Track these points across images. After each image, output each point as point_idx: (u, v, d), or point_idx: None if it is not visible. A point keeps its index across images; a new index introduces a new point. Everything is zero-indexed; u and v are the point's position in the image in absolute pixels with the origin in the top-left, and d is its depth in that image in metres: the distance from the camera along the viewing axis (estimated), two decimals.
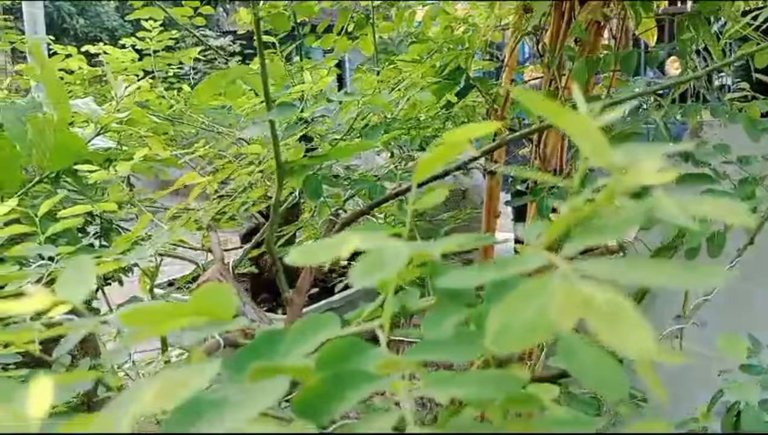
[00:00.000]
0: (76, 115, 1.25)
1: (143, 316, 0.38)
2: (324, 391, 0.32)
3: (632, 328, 0.20)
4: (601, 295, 0.21)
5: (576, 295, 0.21)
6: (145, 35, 2.01)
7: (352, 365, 0.35)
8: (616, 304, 0.21)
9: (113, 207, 0.89)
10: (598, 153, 0.25)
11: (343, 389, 0.32)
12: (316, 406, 0.32)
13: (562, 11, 1.53)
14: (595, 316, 0.20)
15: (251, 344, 0.41)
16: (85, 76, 1.81)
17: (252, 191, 0.88)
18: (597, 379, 0.27)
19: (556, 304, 0.21)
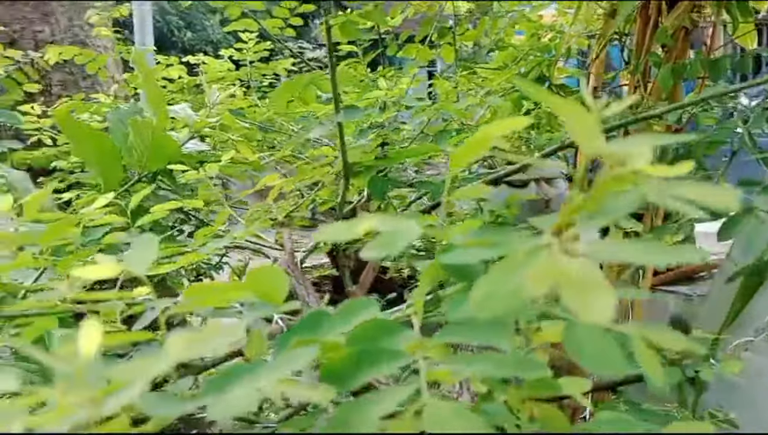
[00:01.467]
0: (175, 120, 1.36)
1: (204, 290, 0.42)
2: (349, 362, 0.35)
3: (597, 296, 0.22)
4: (576, 266, 0.23)
5: (552, 265, 0.23)
6: (242, 46, 2.14)
7: (380, 344, 0.38)
8: (586, 274, 0.23)
9: (200, 204, 0.96)
10: (589, 141, 0.27)
11: (368, 363, 0.36)
12: (341, 375, 0.35)
13: (648, 16, 1.50)
14: (566, 284, 0.23)
15: (300, 322, 0.45)
16: (185, 84, 1.94)
17: (320, 191, 0.94)
18: (591, 354, 0.29)
19: (531, 273, 0.23)
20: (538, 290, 0.23)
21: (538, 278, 0.23)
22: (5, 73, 1.60)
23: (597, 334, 0.30)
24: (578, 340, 0.29)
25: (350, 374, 0.35)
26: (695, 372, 0.67)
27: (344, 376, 0.35)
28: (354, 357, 0.36)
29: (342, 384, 0.35)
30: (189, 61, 2.12)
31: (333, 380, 0.35)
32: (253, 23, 1.85)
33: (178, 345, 0.25)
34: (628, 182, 0.27)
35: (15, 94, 1.57)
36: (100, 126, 1.43)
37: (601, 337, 0.30)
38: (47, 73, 2.25)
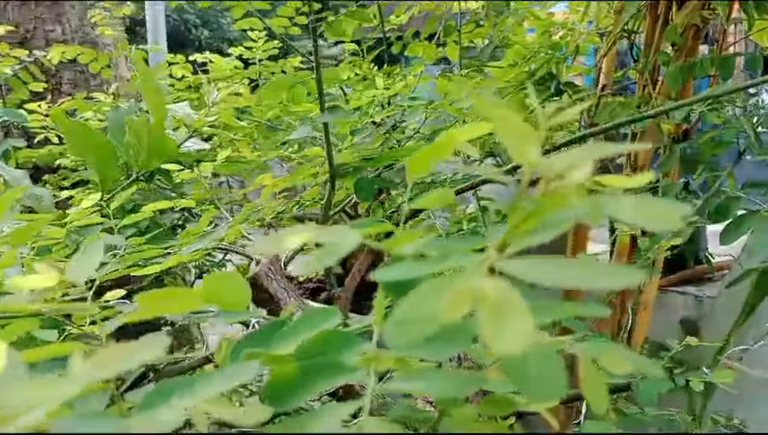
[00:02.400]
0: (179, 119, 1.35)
1: (160, 296, 0.41)
2: (295, 378, 0.34)
3: (511, 322, 0.20)
4: (493, 290, 0.21)
5: (468, 290, 0.21)
6: (252, 45, 2.13)
7: (330, 357, 0.36)
8: (504, 298, 0.21)
9: (192, 204, 0.96)
10: (521, 151, 0.25)
11: (314, 378, 0.34)
12: (284, 391, 0.34)
13: (658, 14, 1.46)
14: (482, 309, 0.21)
15: (257, 331, 0.43)
16: (191, 83, 1.94)
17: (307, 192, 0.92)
18: (533, 378, 0.27)
19: (445, 298, 0.21)
20: (453, 316, 0.21)
21: (455, 302, 0.21)
22: (12, 72, 1.61)
23: (541, 356, 0.28)
24: (520, 361, 0.27)
25: (294, 391, 0.34)
26: (686, 381, 0.65)
27: (288, 393, 0.34)
28: (300, 372, 0.34)
29: (285, 401, 0.34)
30: (196, 60, 2.12)
31: (276, 397, 0.34)
32: (259, 22, 1.84)
33: (81, 365, 0.23)
34: (569, 196, 0.25)
35: (21, 93, 1.58)
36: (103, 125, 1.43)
37: (546, 360, 0.28)
38: (57, 72, 2.26)
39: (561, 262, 0.23)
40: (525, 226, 0.26)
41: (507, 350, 0.20)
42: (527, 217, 0.26)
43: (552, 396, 0.26)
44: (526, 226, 0.26)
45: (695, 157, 1.31)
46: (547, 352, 0.28)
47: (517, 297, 0.21)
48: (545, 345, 0.29)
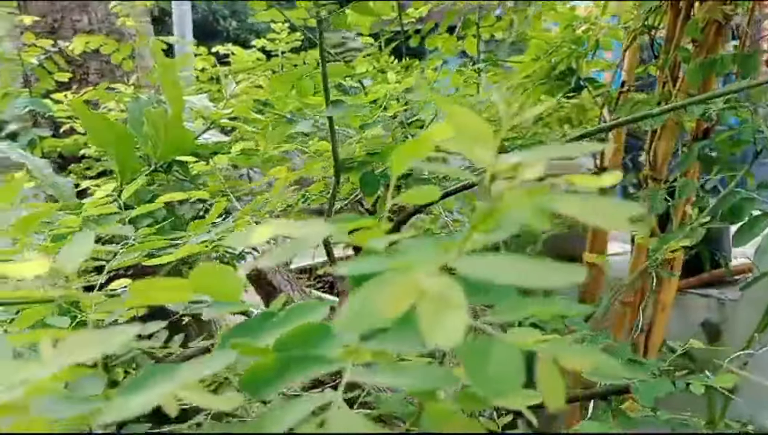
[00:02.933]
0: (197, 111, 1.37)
1: (148, 287, 0.42)
2: (272, 368, 0.35)
3: (447, 318, 0.21)
4: (433, 286, 0.22)
5: (409, 286, 0.22)
6: (275, 36, 2.15)
7: (310, 349, 0.37)
8: (443, 293, 0.21)
9: (205, 195, 0.97)
10: (472, 150, 0.26)
11: (291, 369, 0.35)
12: (261, 381, 0.35)
13: (679, 9, 1.44)
14: (422, 304, 0.22)
15: (246, 321, 0.44)
16: (213, 75, 1.96)
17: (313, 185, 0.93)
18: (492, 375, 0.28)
19: (387, 293, 0.22)
20: (393, 311, 0.22)
21: (396, 298, 0.22)
22: (38, 62, 1.65)
23: (503, 354, 0.28)
24: (481, 358, 0.28)
25: (270, 381, 0.35)
26: (686, 385, 0.64)
27: (264, 383, 0.35)
28: (278, 363, 0.35)
29: (261, 390, 0.35)
30: (218, 51, 2.14)
31: (252, 386, 0.35)
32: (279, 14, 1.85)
33: (49, 351, 0.25)
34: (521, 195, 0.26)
35: (46, 82, 1.61)
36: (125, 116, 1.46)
37: (507, 358, 0.28)
38: (84, 62, 2.31)
39: (514, 260, 0.24)
40: (484, 226, 0.26)
41: (441, 344, 0.20)
42: (485, 216, 0.26)
43: (506, 393, 0.26)
44: (485, 225, 0.27)
45: (714, 156, 1.29)
46: (509, 350, 0.29)
47: (456, 293, 0.22)
48: (508, 343, 0.29)
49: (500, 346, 0.29)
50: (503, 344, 0.29)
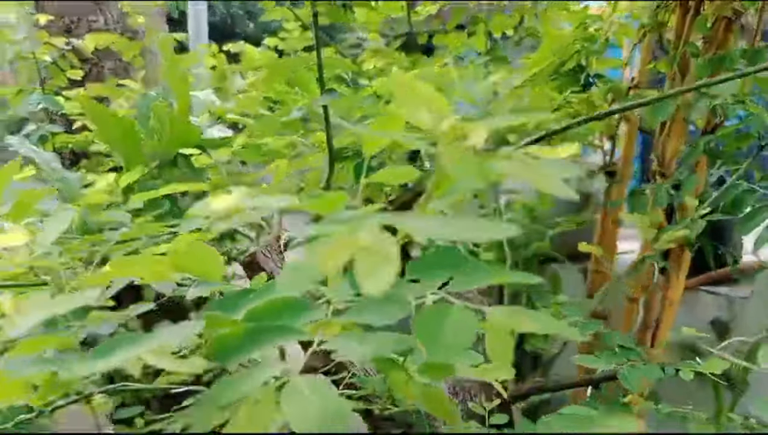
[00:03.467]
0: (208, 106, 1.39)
1: (127, 263, 0.43)
2: (241, 337, 0.36)
3: (380, 267, 0.21)
4: (369, 240, 0.22)
5: (351, 239, 0.23)
6: (286, 36, 2.16)
7: (280, 320, 0.38)
8: (378, 246, 0.22)
9: (205, 187, 0.99)
10: (416, 113, 0.26)
11: (260, 338, 0.36)
12: (230, 348, 0.35)
13: (688, 6, 1.43)
14: (358, 257, 0.22)
15: (225, 296, 0.45)
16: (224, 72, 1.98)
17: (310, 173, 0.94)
18: (444, 340, 0.28)
19: (328, 248, 0.23)
20: (333, 265, 0.22)
21: (336, 253, 0.22)
22: (52, 59, 1.67)
23: (459, 325, 0.29)
24: (435, 326, 0.28)
25: (238, 349, 0.35)
26: (676, 371, 0.64)
27: (233, 350, 0.35)
28: (247, 332, 0.36)
29: (230, 358, 0.35)
30: (230, 50, 2.16)
31: (220, 354, 0.35)
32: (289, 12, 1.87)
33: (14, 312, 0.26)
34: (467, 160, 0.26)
35: (58, 79, 1.64)
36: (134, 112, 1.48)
37: (462, 329, 0.29)
38: (99, 62, 2.34)
39: (450, 219, 0.24)
40: (438, 192, 0.27)
41: (371, 291, 0.21)
42: (438, 183, 0.27)
43: (454, 359, 0.27)
44: (439, 191, 0.27)
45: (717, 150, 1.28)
46: (465, 321, 0.29)
47: (391, 249, 0.22)
48: (465, 315, 0.29)
49: (455, 312, 0.29)
50: (457, 310, 0.29)
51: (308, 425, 0.29)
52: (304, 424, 0.29)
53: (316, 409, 0.29)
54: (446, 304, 0.30)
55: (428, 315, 0.29)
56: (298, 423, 0.29)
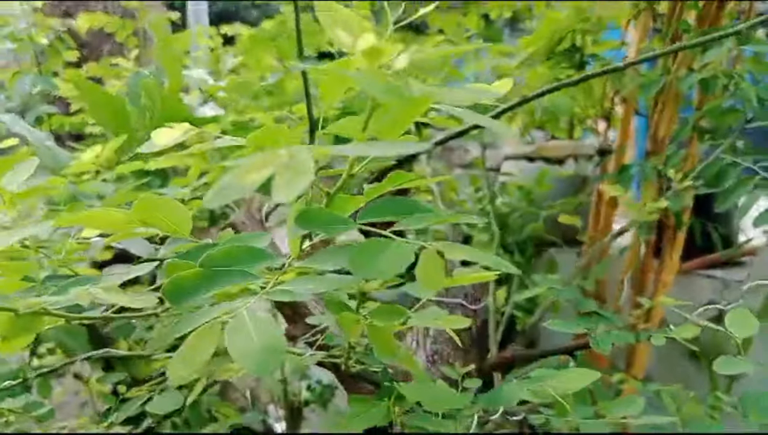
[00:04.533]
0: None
1: (95, 216, 0.44)
2: (194, 280, 0.37)
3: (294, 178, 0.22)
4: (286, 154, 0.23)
5: (270, 157, 0.23)
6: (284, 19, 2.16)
7: (236, 266, 0.39)
8: (293, 160, 0.23)
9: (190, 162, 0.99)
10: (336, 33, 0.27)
11: (212, 281, 0.37)
12: (183, 289, 0.36)
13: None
14: (276, 170, 0.23)
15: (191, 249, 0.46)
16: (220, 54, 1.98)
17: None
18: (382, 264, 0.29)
19: (250, 163, 0.23)
20: (254, 178, 0.23)
21: (257, 167, 0.23)
22: (48, 42, 1.68)
23: (393, 251, 0.30)
24: (367, 253, 0.29)
25: (191, 291, 0.36)
26: (648, 338, 0.65)
27: (186, 292, 0.36)
28: (201, 275, 0.37)
29: (182, 298, 0.36)
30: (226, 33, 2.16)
31: (174, 295, 0.36)
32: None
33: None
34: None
35: (53, 62, 1.65)
36: None
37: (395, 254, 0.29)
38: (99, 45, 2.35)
39: (371, 143, 0.25)
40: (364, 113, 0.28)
41: (281, 199, 0.22)
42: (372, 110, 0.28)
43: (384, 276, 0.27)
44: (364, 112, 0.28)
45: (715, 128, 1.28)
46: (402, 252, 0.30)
47: (306, 163, 0.23)
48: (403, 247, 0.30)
49: (393, 245, 0.30)
50: (396, 244, 0.30)
51: (246, 356, 0.30)
52: (243, 354, 0.30)
53: (256, 342, 0.30)
54: (387, 239, 0.31)
55: (366, 246, 0.30)
56: (236, 353, 0.30)
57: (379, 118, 0.28)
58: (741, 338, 0.58)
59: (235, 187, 0.24)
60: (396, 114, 0.28)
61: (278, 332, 0.31)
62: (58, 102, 1.87)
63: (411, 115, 0.30)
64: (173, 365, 0.31)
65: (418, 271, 0.28)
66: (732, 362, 0.57)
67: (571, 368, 0.53)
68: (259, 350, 0.30)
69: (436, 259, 0.28)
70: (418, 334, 0.77)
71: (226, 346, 0.31)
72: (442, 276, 0.28)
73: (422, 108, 0.30)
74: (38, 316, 0.37)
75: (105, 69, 1.43)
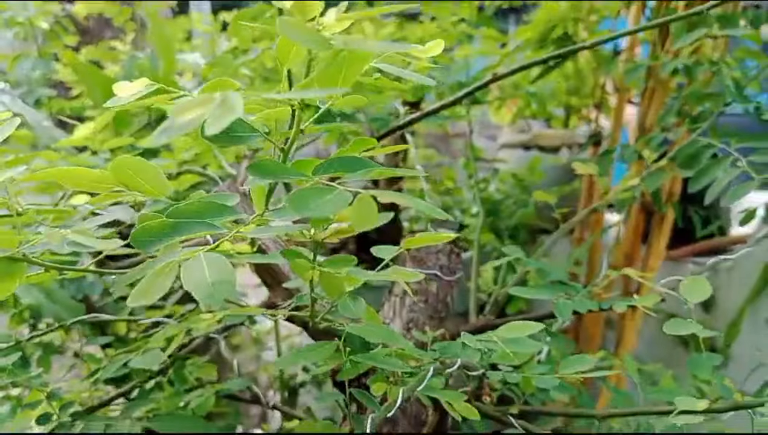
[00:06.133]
0: None
1: (71, 174, 0.47)
2: (157, 229, 0.40)
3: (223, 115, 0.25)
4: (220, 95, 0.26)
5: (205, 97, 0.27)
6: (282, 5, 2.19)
7: (203, 219, 0.42)
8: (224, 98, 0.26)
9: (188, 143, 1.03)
10: None
11: (176, 230, 0.40)
12: (147, 238, 0.39)
13: None
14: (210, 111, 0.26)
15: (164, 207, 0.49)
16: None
17: None
18: (313, 205, 0.32)
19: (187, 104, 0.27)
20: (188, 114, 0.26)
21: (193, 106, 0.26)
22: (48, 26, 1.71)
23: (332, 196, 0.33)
24: (307, 196, 0.32)
25: (156, 238, 0.39)
26: (610, 308, 0.68)
27: (152, 238, 0.39)
28: (167, 224, 0.40)
29: (148, 245, 0.39)
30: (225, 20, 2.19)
31: (141, 241, 0.39)
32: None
33: None
34: None
35: (54, 44, 1.68)
36: None
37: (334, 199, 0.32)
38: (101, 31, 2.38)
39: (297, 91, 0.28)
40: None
41: (209, 132, 0.25)
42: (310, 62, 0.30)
43: (321, 214, 0.30)
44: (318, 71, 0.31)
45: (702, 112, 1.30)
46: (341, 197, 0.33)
47: (234, 101, 0.26)
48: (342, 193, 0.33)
49: (333, 190, 0.33)
50: (336, 190, 0.33)
51: (198, 288, 0.33)
52: (196, 286, 0.33)
53: (209, 277, 0.33)
54: (330, 186, 0.34)
55: (309, 190, 0.33)
56: (190, 285, 0.33)
57: (320, 72, 0.31)
58: (693, 303, 0.61)
59: (176, 124, 0.27)
60: (333, 67, 0.31)
61: (229, 269, 0.34)
62: (60, 87, 1.90)
63: (351, 69, 0.33)
64: (134, 296, 0.34)
65: (351, 212, 0.31)
66: (682, 324, 0.60)
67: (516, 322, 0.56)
68: (210, 283, 0.33)
69: (369, 202, 0.31)
70: (396, 303, 0.80)
71: (182, 281, 0.34)
72: (375, 217, 0.31)
73: (360, 63, 0.33)
74: (18, 261, 0.41)
75: (103, 52, 1.46)
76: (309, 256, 0.43)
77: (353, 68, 0.33)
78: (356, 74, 0.35)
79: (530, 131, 2.35)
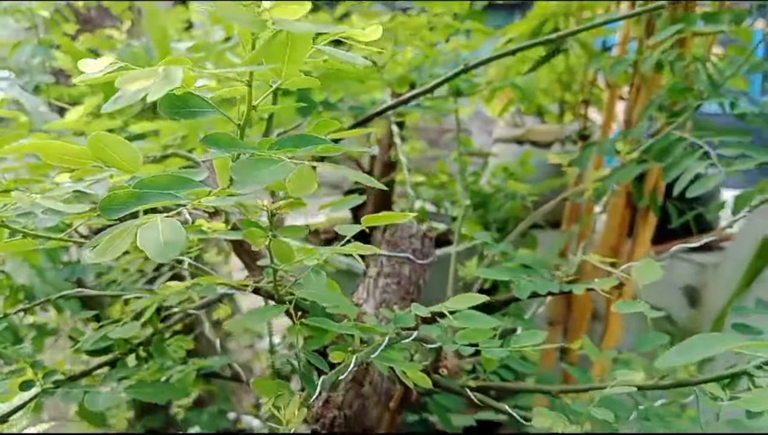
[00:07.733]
0: None
1: (52, 148, 0.50)
2: (125, 198, 0.43)
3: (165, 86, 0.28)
4: (164, 71, 0.29)
5: (151, 72, 0.30)
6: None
7: (167, 191, 0.45)
8: (167, 74, 0.29)
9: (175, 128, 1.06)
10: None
11: (141, 199, 0.43)
12: (113, 206, 0.42)
13: None
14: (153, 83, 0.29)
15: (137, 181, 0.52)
16: None
17: None
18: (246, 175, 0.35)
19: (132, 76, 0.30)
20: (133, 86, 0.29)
21: (138, 78, 0.29)
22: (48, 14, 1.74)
23: (275, 166, 0.36)
24: (249, 166, 0.35)
25: (123, 206, 0.42)
26: (570, 291, 0.70)
27: (118, 207, 0.42)
28: (132, 194, 0.43)
29: (114, 213, 0.42)
30: None
31: (107, 209, 0.42)
32: None
33: None
34: None
35: (54, 32, 1.71)
36: None
37: (276, 169, 0.35)
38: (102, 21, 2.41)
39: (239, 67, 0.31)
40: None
41: (152, 97, 0.28)
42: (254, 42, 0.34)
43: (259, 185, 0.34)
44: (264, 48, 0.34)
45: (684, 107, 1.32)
46: (282, 167, 0.36)
47: (175, 73, 0.29)
48: (285, 164, 0.36)
49: (276, 160, 0.36)
50: (280, 162, 0.36)
51: (151, 246, 0.36)
52: (149, 244, 0.36)
53: (161, 237, 0.37)
54: (276, 158, 0.37)
55: (253, 160, 0.36)
56: (144, 243, 0.36)
57: (261, 50, 0.34)
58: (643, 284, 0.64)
59: (125, 95, 0.30)
60: (276, 46, 0.34)
61: (181, 233, 0.37)
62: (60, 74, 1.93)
63: (295, 48, 0.36)
64: (96, 253, 0.37)
65: (290, 180, 0.34)
66: (629, 304, 0.63)
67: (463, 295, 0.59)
68: (163, 243, 0.36)
69: (309, 171, 0.34)
70: (369, 284, 0.83)
71: (138, 242, 0.37)
72: (312, 185, 0.34)
73: (302, 43, 0.36)
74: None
75: (100, 41, 1.49)
76: (265, 227, 0.46)
77: (297, 48, 0.36)
78: (302, 54, 0.38)
79: (524, 126, 2.37)
